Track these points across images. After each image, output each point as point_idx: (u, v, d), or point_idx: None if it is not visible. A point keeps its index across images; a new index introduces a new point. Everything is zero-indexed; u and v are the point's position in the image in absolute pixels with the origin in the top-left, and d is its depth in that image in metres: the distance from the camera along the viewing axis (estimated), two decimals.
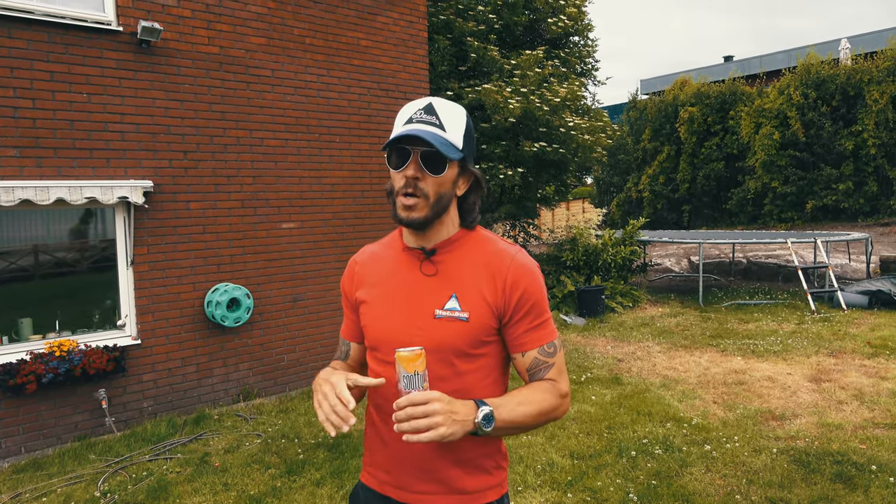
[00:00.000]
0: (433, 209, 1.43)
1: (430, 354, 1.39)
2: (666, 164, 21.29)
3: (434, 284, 1.49)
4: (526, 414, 1.42)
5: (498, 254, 1.50)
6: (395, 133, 1.42)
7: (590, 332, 8.64)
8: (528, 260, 1.52)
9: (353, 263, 1.68)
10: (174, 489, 4.22)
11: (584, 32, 12.63)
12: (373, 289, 1.57)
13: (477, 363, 1.48)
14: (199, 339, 5.90)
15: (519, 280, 1.47)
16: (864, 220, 16.68)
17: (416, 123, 1.41)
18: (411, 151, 1.41)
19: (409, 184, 1.41)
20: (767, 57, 23.21)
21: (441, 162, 1.41)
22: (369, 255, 1.65)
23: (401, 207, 1.43)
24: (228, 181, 6.06)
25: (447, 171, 1.42)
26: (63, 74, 5.15)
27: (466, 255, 1.51)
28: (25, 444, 5.04)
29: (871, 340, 7.30)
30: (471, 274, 1.48)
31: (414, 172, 1.41)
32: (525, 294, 1.47)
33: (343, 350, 1.73)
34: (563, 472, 4.18)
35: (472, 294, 1.46)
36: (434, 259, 1.50)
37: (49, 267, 5.47)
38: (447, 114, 1.44)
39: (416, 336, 1.45)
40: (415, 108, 1.45)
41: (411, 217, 1.43)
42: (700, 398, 5.59)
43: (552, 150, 10.04)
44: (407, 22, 7.45)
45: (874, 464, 4.06)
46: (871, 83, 16.53)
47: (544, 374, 1.50)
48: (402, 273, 1.53)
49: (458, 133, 1.44)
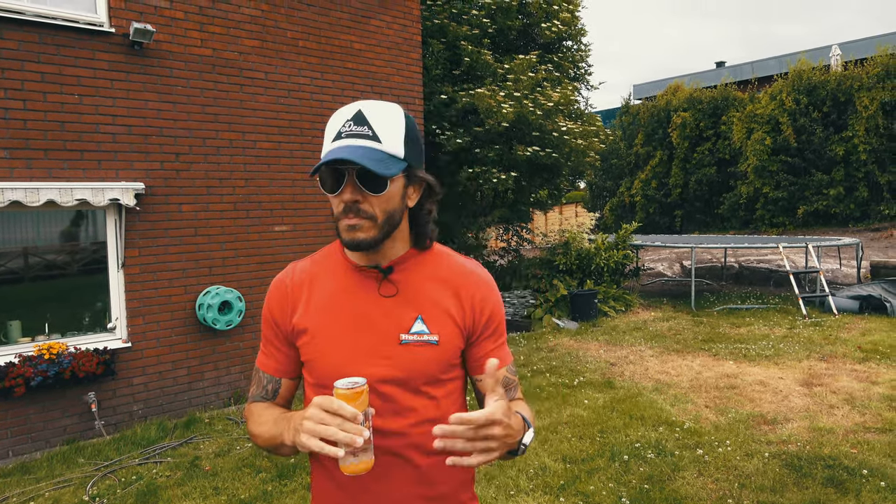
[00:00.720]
0: (382, 229, 1.26)
1: (400, 385, 1.27)
2: (658, 169, 21.38)
3: (395, 306, 1.31)
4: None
5: (460, 269, 1.37)
6: (324, 155, 1.23)
7: (582, 335, 8.64)
8: (489, 276, 1.42)
9: (280, 285, 1.40)
10: (164, 493, 4.19)
11: (577, 37, 12.67)
12: (317, 315, 1.33)
13: (447, 388, 1.35)
14: (190, 343, 5.87)
15: (487, 297, 1.37)
16: (855, 225, 16.79)
17: (346, 138, 1.22)
18: (345, 171, 1.21)
19: (350, 208, 1.23)
20: (759, 63, 23.36)
21: (381, 180, 1.22)
22: (303, 274, 1.39)
23: (344, 229, 1.24)
24: (221, 183, 6.04)
25: (390, 187, 1.23)
26: (54, 76, 5.12)
27: (426, 271, 1.35)
28: (13, 447, 4.99)
29: (861, 345, 7.33)
30: (434, 292, 1.33)
31: (352, 196, 1.22)
32: (493, 312, 1.37)
33: (269, 389, 1.44)
34: (555, 476, 4.17)
35: (438, 314, 1.32)
36: (392, 278, 1.33)
37: (39, 269, 5.42)
38: (380, 120, 1.24)
39: (381, 366, 1.28)
40: (342, 119, 1.24)
41: (357, 238, 1.24)
42: (692, 402, 5.60)
43: (545, 154, 10.06)
44: (401, 25, 7.46)
45: (865, 468, 4.07)
46: (861, 89, 16.67)
47: (514, 395, 1.40)
48: (354, 295, 1.33)
49: (396, 140, 1.24)
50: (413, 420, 1.28)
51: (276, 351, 1.41)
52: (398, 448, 1.28)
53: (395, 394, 1.28)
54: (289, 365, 1.41)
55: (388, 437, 1.27)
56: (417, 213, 1.35)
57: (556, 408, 5.57)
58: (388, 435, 1.27)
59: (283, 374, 1.43)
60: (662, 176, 21.35)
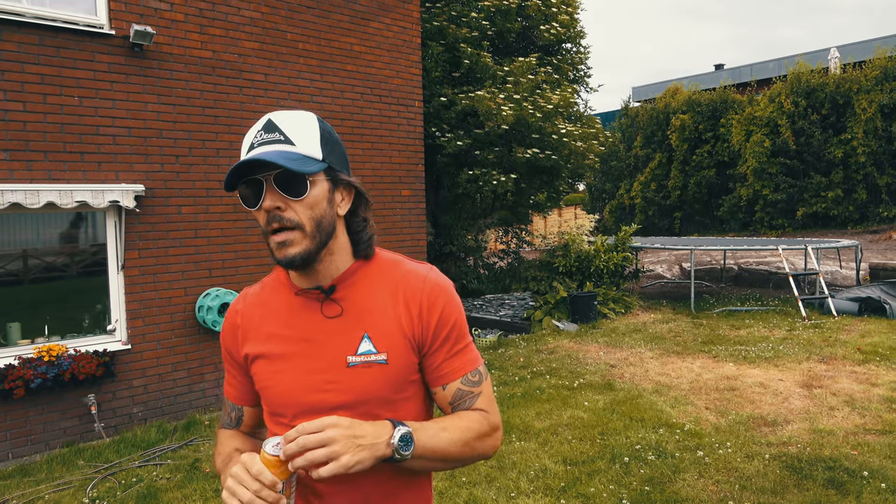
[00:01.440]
0: (314, 239, 1.19)
1: (350, 410, 1.21)
2: (657, 172, 21.42)
3: (340, 327, 1.25)
4: (451, 441, 1.21)
5: (407, 276, 1.29)
6: (239, 162, 1.17)
7: (582, 337, 8.64)
8: (442, 278, 1.32)
9: (232, 314, 1.37)
10: (164, 495, 4.18)
11: (576, 39, 12.70)
12: (266, 343, 1.29)
13: (404, 408, 1.27)
14: (190, 344, 5.86)
15: (435, 301, 1.27)
16: (854, 227, 16.82)
17: (258, 147, 1.17)
18: (262, 181, 1.16)
19: (274, 217, 1.17)
20: (758, 65, 23.42)
21: (300, 180, 1.16)
22: (252, 301, 1.35)
23: (275, 247, 1.18)
24: (221, 185, 6.04)
25: (312, 188, 1.18)
26: (54, 77, 5.12)
27: (372, 284, 1.28)
28: (12, 450, 4.98)
29: (861, 347, 7.33)
30: (381, 306, 1.26)
31: (272, 202, 1.16)
32: (443, 316, 1.27)
33: (233, 416, 1.43)
34: (556, 478, 4.17)
35: (385, 330, 1.24)
36: (335, 297, 1.26)
37: (39, 271, 5.42)
38: (291, 124, 1.19)
39: (328, 392, 1.22)
40: (254, 132, 1.20)
41: (290, 254, 1.17)
42: (692, 404, 5.60)
43: (545, 156, 10.08)
44: (400, 28, 7.47)
45: (866, 469, 4.07)
46: (859, 92, 16.71)
47: (471, 405, 1.30)
48: (299, 319, 1.27)
49: (311, 141, 1.19)
50: None
51: (234, 379, 1.39)
52: (353, 478, 1.19)
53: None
54: (246, 394, 1.39)
55: None
56: (351, 221, 1.29)
57: (556, 410, 5.57)
58: None
59: (244, 403, 1.41)
60: (661, 178, 21.38)
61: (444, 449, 1.20)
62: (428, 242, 9.24)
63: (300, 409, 1.24)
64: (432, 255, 10.47)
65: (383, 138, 7.40)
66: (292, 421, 1.23)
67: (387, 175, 7.46)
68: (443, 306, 1.28)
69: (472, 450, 1.25)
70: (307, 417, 1.19)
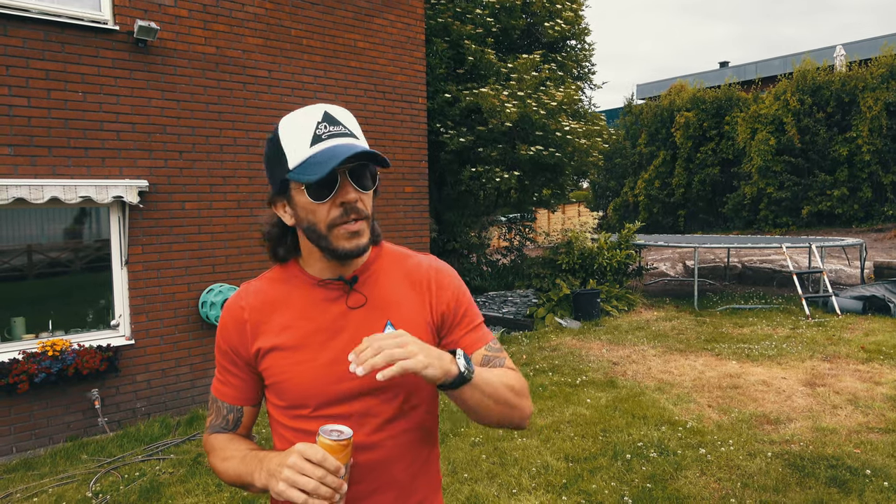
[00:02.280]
0: (371, 230, 1.26)
1: (377, 396, 1.24)
2: (662, 169, 21.36)
3: (364, 316, 1.27)
4: (500, 381, 1.25)
5: (417, 266, 1.36)
6: (315, 157, 1.16)
7: (585, 335, 8.64)
8: (446, 265, 1.40)
9: (237, 309, 1.32)
10: (167, 490, 4.19)
11: (580, 36, 12.65)
12: (280, 335, 1.27)
13: (424, 393, 1.31)
14: (193, 340, 5.88)
15: (444, 286, 1.34)
16: (859, 225, 16.75)
17: (330, 139, 1.18)
18: (338, 174, 1.18)
19: (353, 209, 1.20)
20: (763, 63, 23.34)
21: (371, 174, 1.23)
22: (260, 296, 1.32)
23: (345, 237, 1.20)
24: (224, 182, 6.04)
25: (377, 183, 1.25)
26: (58, 73, 5.13)
27: (388, 273, 1.33)
28: (17, 443, 5.00)
29: (865, 345, 7.31)
30: (398, 294, 1.31)
31: (354, 195, 1.19)
32: (454, 298, 1.34)
33: (230, 419, 1.37)
34: (557, 474, 4.17)
35: (406, 317, 1.29)
36: (357, 287, 1.29)
37: (43, 266, 5.44)
38: (347, 119, 1.23)
39: (354, 380, 1.21)
40: (311, 121, 1.19)
41: (361, 244, 1.22)
42: (695, 402, 5.59)
43: (548, 153, 10.05)
44: (404, 24, 7.46)
45: (868, 468, 4.06)
46: (865, 90, 16.63)
47: (500, 366, 1.33)
48: (318, 310, 1.28)
49: (362, 136, 1.25)
50: (392, 432, 1.26)
51: (234, 378, 1.34)
52: (377, 462, 1.25)
53: (373, 407, 1.25)
54: (249, 392, 1.35)
55: (368, 451, 1.24)
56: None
57: (558, 407, 5.57)
58: (368, 449, 1.24)
59: (245, 402, 1.36)
60: (666, 176, 21.32)
61: (494, 386, 1.23)
62: (431, 239, 9.24)
63: (324, 400, 1.23)
64: (435, 252, 10.46)
65: (387, 135, 7.40)
66: (314, 413, 1.24)
67: (390, 171, 7.45)
68: (453, 289, 1.34)
69: (517, 397, 1.28)
70: (332, 408, 1.23)
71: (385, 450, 1.26)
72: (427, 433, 1.34)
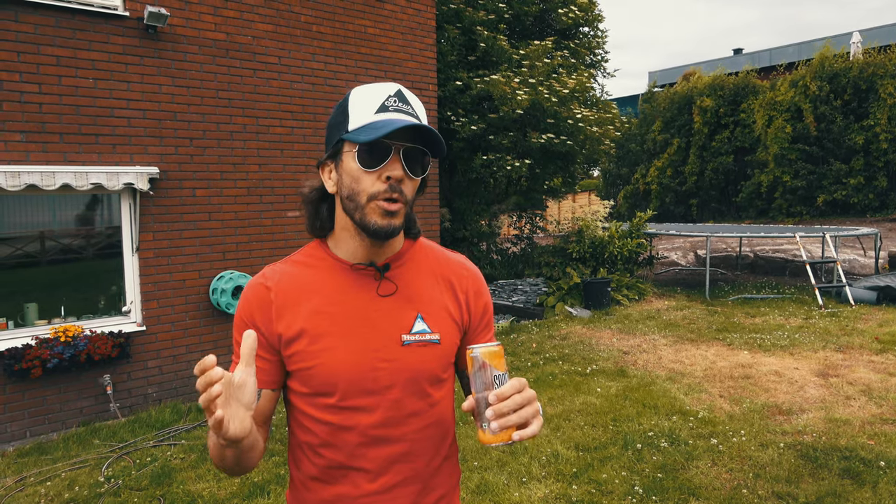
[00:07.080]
0: (406, 217, 1.24)
1: (404, 388, 1.23)
2: (675, 157, 21.13)
3: (394, 306, 1.25)
4: None
5: (451, 264, 1.35)
6: (377, 121, 1.16)
7: (595, 324, 8.60)
8: (477, 269, 1.41)
9: (262, 290, 1.26)
10: (178, 475, 4.22)
11: (594, 23, 12.52)
12: (310, 320, 1.23)
13: (446, 388, 1.32)
14: (204, 327, 5.90)
15: (480, 291, 1.36)
16: (874, 215, 16.54)
17: (396, 112, 1.17)
18: (392, 147, 1.16)
19: (395, 188, 1.17)
20: (778, 50, 22.99)
21: (425, 162, 1.21)
22: (287, 277, 1.27)
23: (380, 213, 1.17)
24: (234, 168, 6.04)
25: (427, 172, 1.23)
26: (69, 59, 5.13)
27: (419, 267, 1.32)
28: (30, 428, 5.06)
29: (879, 336, 7.23)
30: (430, 289, 1.30)
31: (402, 173, 1.17)
32: (486, 306, 1.37)
33: None
34: (568, 463, 4.16)
35: (437, 312, 1.28)
36: (388, 275, 1.27)
37: (55, 253, 5.47)
38: (416, 103, 1.22)
39: (381, 370, 1.21)
40: (383, 93, 1.18)
41: (394, 224, 1.19)
42: (706, 392, 5.56)
43: (560, 141, 9.98)
44: (415, 10, 7.39)
45: (882, 460, 4.02)
46: (884, 77, 16.33)
47: None
48: (349, 297, 1.24)
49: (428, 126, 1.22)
50: (415, 426, 1.26)
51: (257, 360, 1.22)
52: (402, 454, 1.25)
53: (399, 398, 1.23)
54: (272, 374, 1.26)
55: (393, 443, 1.24)
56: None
57: (568, 396, 5.55)
58: (392, 442, 1.24)
59: (266, 385, 1.25)
60: (679, 164, 21.10)
61: None
62: (442, 227, 9.21)
63: (351, 387, 1.21)
64: (446, 241, 10.44)
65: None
66: (340, 401, 1.21)
67: None
68: (486, 295, 1.38)
69: None
70: (358, 397, 1.21)
71: (409, 443, 1.25)
72: (448, 429, 1.35)
